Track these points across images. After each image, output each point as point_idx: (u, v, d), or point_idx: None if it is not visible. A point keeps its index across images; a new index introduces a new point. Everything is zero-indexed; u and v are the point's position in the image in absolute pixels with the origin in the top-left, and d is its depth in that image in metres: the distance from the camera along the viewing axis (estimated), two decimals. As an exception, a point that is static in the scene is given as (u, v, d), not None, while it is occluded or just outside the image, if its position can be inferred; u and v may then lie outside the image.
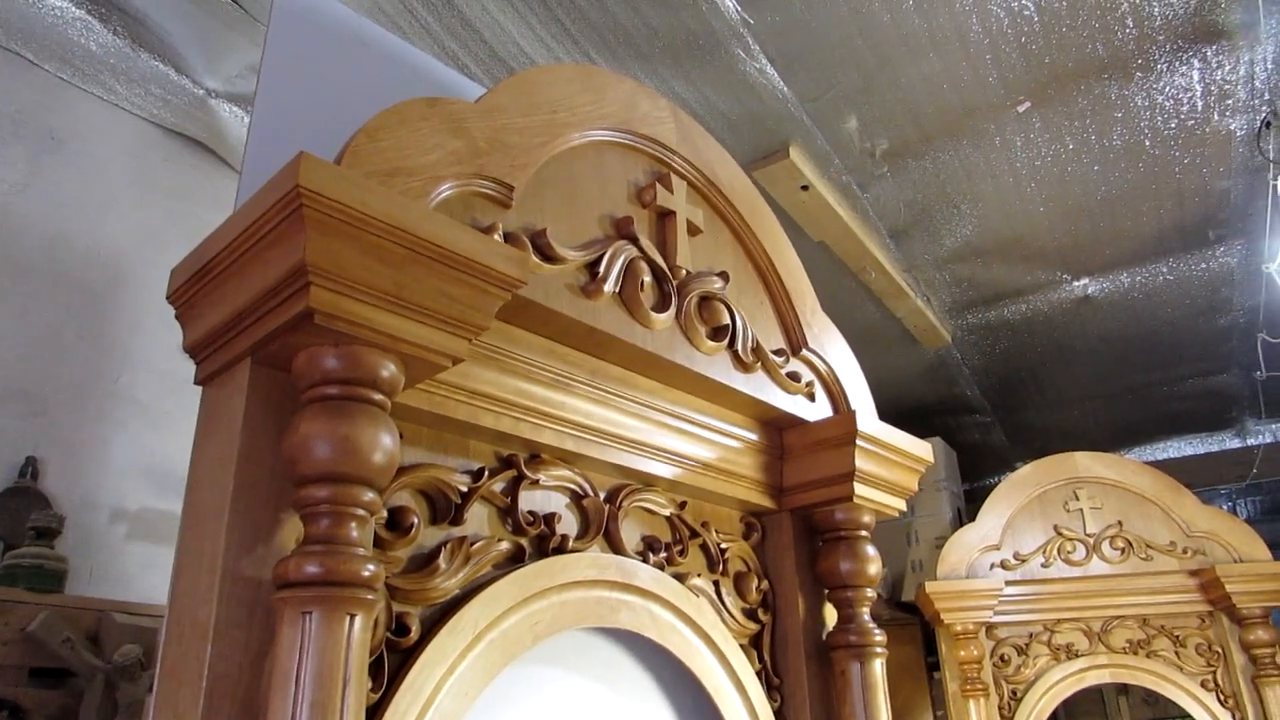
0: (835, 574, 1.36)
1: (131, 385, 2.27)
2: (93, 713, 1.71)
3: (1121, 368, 3.94)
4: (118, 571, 2.10)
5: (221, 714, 0.71)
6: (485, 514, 1.02)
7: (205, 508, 0.80)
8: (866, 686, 1.29)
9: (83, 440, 2.15)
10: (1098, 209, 2.83)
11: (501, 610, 0.97)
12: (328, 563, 0.71)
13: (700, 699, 1.21)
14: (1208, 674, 2.93)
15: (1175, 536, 3.06)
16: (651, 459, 1.19)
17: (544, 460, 1.09)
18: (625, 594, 1.13)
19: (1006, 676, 3.03)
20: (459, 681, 0.91)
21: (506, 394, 1.01)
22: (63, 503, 2.02)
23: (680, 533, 1.26)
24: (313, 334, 0.77)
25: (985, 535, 3.18)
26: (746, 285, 1.37)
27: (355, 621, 0.71)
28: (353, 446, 0.75)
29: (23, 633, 1.70)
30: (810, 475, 1.37)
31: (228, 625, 0.74)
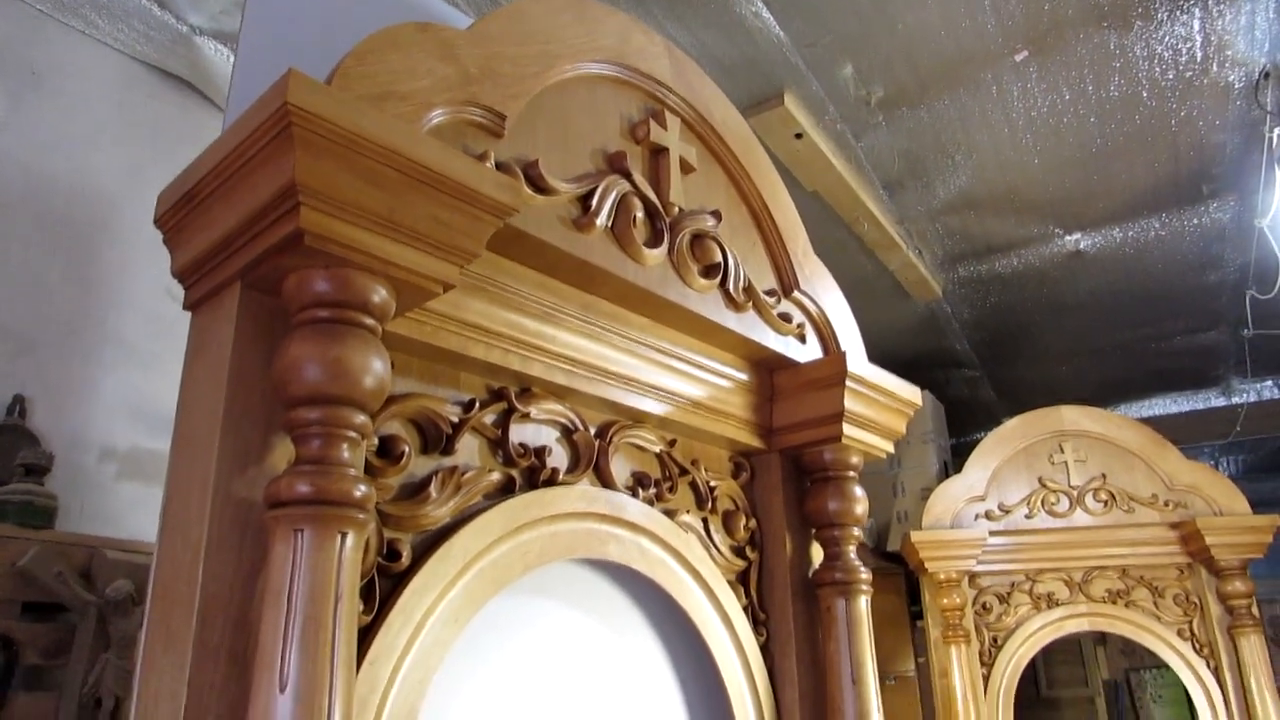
0: (823, 513, 1.37)
1: (119, 325, 2.26)
2: (86, 646, 1.73)
3: (1110, 324, 3.96)
4: (108, 510, 2.10)
5: (215, 631, 0.72)
6: (476, 445, 1.02)
7: (196, 431, 0.80)
8: (851, 622, 1.31)
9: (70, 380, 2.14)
10: (1092, 161, 2.82)
11: (492, 539, 0.98)
12: (319, 482, 0.71)
13: (688, 633, 1.23)
14: (1184, 624, 2.99)
15: (1158, 490, 3.10)
16: (642, 395, 1.20)
17: (534, 394, 1.09)
18: (615, 527, 1.14)
19: (988, 624, 3.08)
20: (450, 607, 0.92)
21: (497, 325, 1.01)
22: (51, 441, 2.02)
23: (670, 470, 1.26)
24: (302, 257, 0.77)
25: (970, 486, 3.21)
26: (739, 225, 1.36)
27: (347, 540, 0.72)
28: (343, 369, 0.75)
29: (14, 567, 1.71)
30: (799, 416, 1.38)
31: (219, 545, 0.74)
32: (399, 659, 0.86)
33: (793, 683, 1.30)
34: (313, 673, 0.66)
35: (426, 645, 0.89)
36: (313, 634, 0.68)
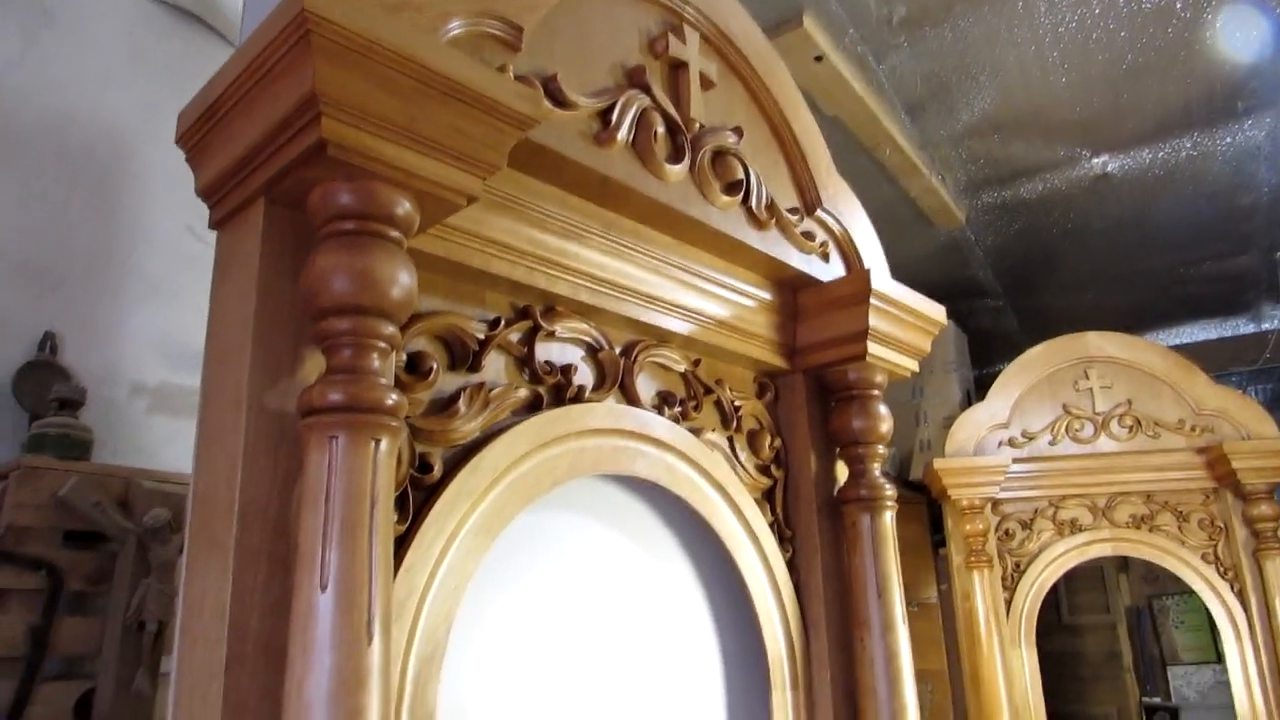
0: (848, 432, 1.38)
1: (142, 262, 2.28)
2: (127, 572, 1.78)
3: (1137, 250, 3.90)
4: (140, 443, 2.14)
5: (255, 535, 0.74)
6: (502, 363, 1.03)
7: (227, 346, 0.81)
8: (877, 538, 1.32)
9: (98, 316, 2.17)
10: (1122, 80, 2.75)
11: (520, 453, 0.99)
12: (351, 390, 0.72)
13: (714, 548, 1.25)
14: (1209, 548, 2.99)
15: (1184, 415, 3.08)
16: (666, 314, 1.20)
17: (559, 312, 1.09)
18: (641, 444, 1.15)
19: (1010, 550, 3.10)
20: (480, 519, 0.93)
21: (521, 243, 1.01)
22: (82, 377, 2.05)
23: (695, 389, 1.27)
24: (326, 169, 0.77)
25: (994, 414, 3.21)
26: (760, 143, 1.35)
27: (380, 446, 0.73)
28: (371, 279, 0.75)
29: (54, 497, 1.75)
30: (823, 335, 1.37)
31: (256, 454, 0.75)
32: (434, 567, 0.88)
33: (819, 597, 1.32)
34: (351, 572, 0.68)
35: (459, 555, 0.90)
36: (350, 536, 0.69)
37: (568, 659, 1.10)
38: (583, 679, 1.11)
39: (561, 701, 1.07)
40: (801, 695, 1.27)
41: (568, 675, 1.09)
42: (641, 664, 1.19)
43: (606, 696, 1.13)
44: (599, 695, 1.12)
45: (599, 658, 1.14)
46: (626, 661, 1.17)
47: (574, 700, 1.09)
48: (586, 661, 1.12)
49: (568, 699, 1.08)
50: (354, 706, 0.66)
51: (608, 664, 1.14)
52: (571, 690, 1.09)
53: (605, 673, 1.14)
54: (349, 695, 0.66)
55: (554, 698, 1.07)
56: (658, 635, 1.22)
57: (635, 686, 1.17)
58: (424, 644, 0.85)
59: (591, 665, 1.12)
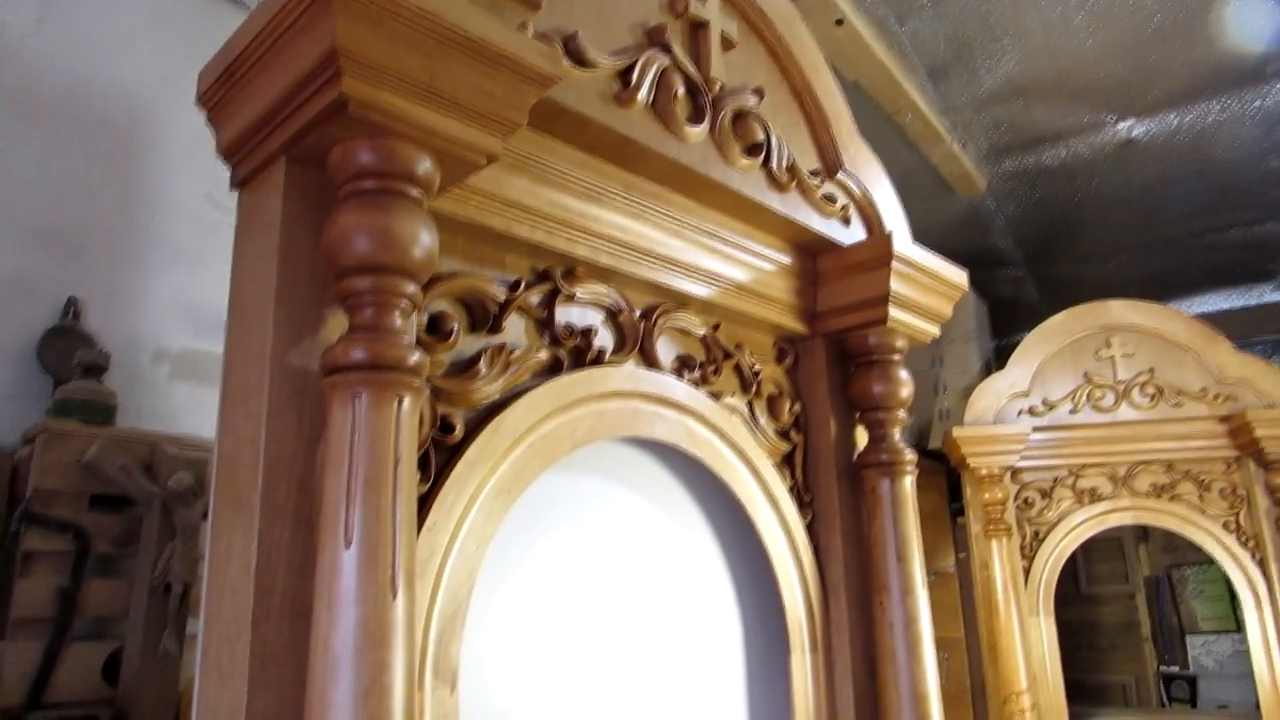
0: (868, 396, 1.37)
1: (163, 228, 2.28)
2: (153, 536, 1.80)
3: (1162, 217, 3.85)
4: (164, 409, 2.16)
5: (280, 493, 0.74)
6: (522, 325, 1.03)
7: (250, 305, 0.82)
8: (896, 502, 1.32)
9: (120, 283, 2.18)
10: (1149, 42, 2.70)
11: (541, 415, 0.99)
12: (374, 348, 0.72)
13: (734, 512, 1.25)
14: (1230, 516, 2.98)
15: (1207, 383, 3.05)
16: (686, 278, 1.19)
17: (579, 275, 1.09)
18: (661, 407, 1.15)
19: (1029, 518, 3.10)
20: (501, 479, 0.94)
21: (541, 205, 1.01)
22: (105, 343, 2.07)
23: (714, 353, 1.27)
24: (346, 127, 0.76)
25: (1014, 382, 3.19)
26: (781, 104, 1.33)
27: (403, 404, 0.73)
28: (391, 238, 0.75)
29: (80, 461, 1.77)
30: (844, 299, 1.37)
31: (279, 413, 0.76)
32: (455, 527, 0.88)
33: (838, 560, 1.32)
34: (375, 529, 0.69)
35: (481, 515, 0.91)
36: (374, 493, 0.70)
37: (588, 620, 1.10)
38: (603, 640, 1.12)
39: (582, 661, 1.08)
40: (820, 658, 1.28)
41: (588, 636, 1.10)
42: (661, 626, 1.19)
43: (626, 657, 1.14)
44: (618, 656, 1.13)
45: (619, 620, 1.14)
46: (646, 623, 1.18)
47: (594, 660, 1.10)
48: (606, 623, 1.13)
49: (588, 659, 1.09)
50: (379, 661, 0.66)
51: (627, 626, 1.15)
52: (591, 651, 1.10)
53: (625, 634, 1.15)
54: (374, 649, 0.66)
55: (574, 658, 1.08)
56: (677, 598, 1.22)
57: (655, 648, 1.18)
58: (446, 603, 0.86)
59: (611, 627, 1.13)
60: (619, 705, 1.11)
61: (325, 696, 0.66)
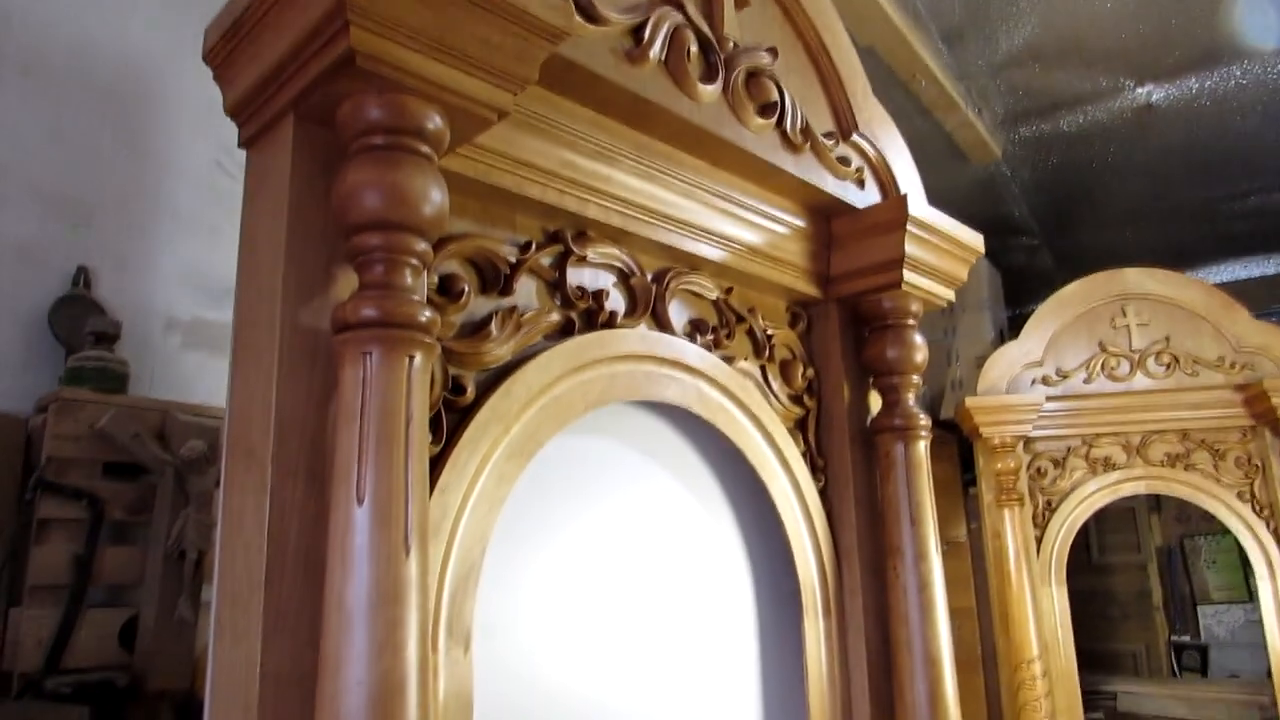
0: (881, 361, 1.36)
1: (173, 197, 2.28)
2: (166, 503, 1.81)
3: (1180, 184, 3.80)
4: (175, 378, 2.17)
5: (292, 452, 0.74)
6: (534, 287, 1.02)
7: (260, 264, 0.81)
8: (910, 467, 1.31)
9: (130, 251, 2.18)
10: (1169, 4, 2.65)
11: (553, 377, 0.98)
12: (385, 305, 0.72)
13: (746, 476, 1.25)
14: (1245, 485, 2.96)
15: (1224, 352, 3.02)
16: (698, 240, 1.18)
17: (591, 238, 1.08)
18: (674, 370, 1.14)
19: (1042, 488, 3.09)
20: (514, 441, 0.93)
21: (552, 165, 0.99)
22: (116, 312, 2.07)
23: (727, 317, 1.26)
24: (355, 81, 0.75)
25: (1028, 351, 3.17)
26: (795, 65, 1.31)
27: (414, 362, 0.72)
28: (401, 194, 0.74)
29: (93, 429, 1.78)
30: (858, 263, 1.35)
31: (290, 371, 0.75)
32: (468, 488, 0.88)
33: (851, 526, 1.32)
34: (388, 486, 0.68)
35: (493, 477, 0.91)
36: (386, 451, 0.69)
37: (602, 584, 1.10)
38: (616, 604, 1.12)
39: (596, 625, 1.08)
40: (833, 622, 1.28)
41: (602, 600, 1.10)
42: (674, 590, 1.19)
43: (638, 620, 1.14)
44: (632, 620, 1.13)
45: (632, 584, 1.14)
46: (659, 587, 1.18)
47: (608, 624, 1.10)
48: (620, 587, 1.13)
49: (602, 622, 1.09)
50: (392, 617, 0.66)
51: (640, 589, 1.15)
52: (605, 615, 1.10)
53: (638, 598, 1.14)
54: (387, 606, 0.66)
55: (588, 621, 1.08)
56: (690, 561, 1.22)
57: (668, 611, 1.18)
58: (460, 563, 0.86)
59: (625, 591, 1.13)
60: (632, 668, 1.12)
61: (339, 653, 0.65)
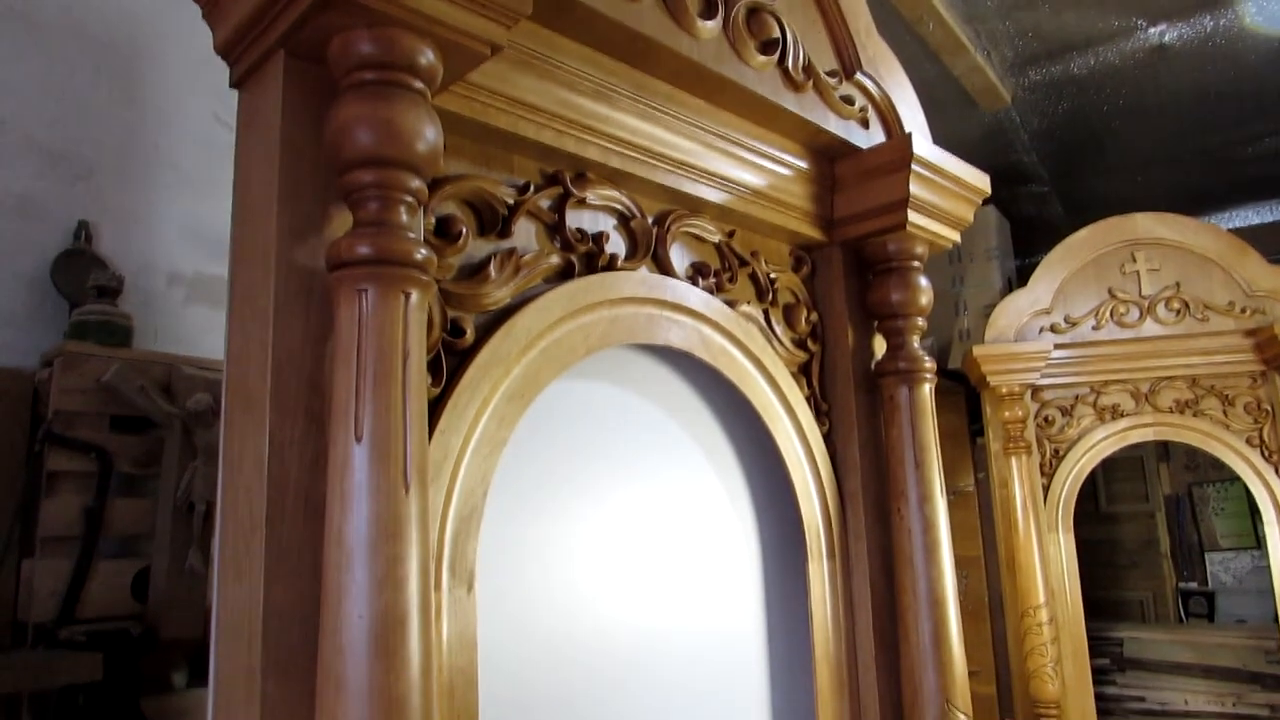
0: (886, 304, 1.35)
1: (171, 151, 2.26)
2: (174, 456, 1.83)
3: (1193, 127, 3.74)
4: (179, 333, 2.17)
5: (290, 392, 0.74)
6: (533, 229, 1.01)
7: (254, 204, 0.80)
8: (915, 410, 1.30)
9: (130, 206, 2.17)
10: (1183, -60, 2.59)
11: (553, 320, 0.98)
12: (379, 242, 0.71)
13: (750, 420, 1.24)
14: (1254, 431, 2.95)
15: (1235, 297, 3.00)
16: (699, 182, 1.16)
17: (590, 179, 1.07)
18: (676, 314, 1.13)
19: (1050, 436, 3.08)
20: (514, 384, 0.93)
21: (549, 104, 0.98)
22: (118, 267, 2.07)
23: (729, 260, 1.25)
24: (344, 15, 0.74)
25: (1036, 299, 3.15)
26: (797, 1, 1.28)
27: (410, 299, 0.72)
28: (395, 130, 0.73)
29: (99, 382, 1.79)
30: (862, 205, 1.33)
31: (287, 310, 0.75)
32: (468, 431, 0.88)
33: (855, 469, 1.32)
34: (386, 423, 0.68)
35: (494, 420, 0.90)
36: (383, 388, 0.69)
37: (605, 527, 1.10)
38: (620, 548, 1.12)
39: (597, 568, 1.09)
40: (838, 565, 1.28)
41: (606, 543, 1.10)
42: (678, 534, 1.20)
43: (642, 565, 1.14)
44: (636, 563, 1.13)
45: (636, 527, 1.14)
46: (663, 531, 1.18)
47: (610, 567, 1.10)
48: (624, 530, 1.13)
49: (606, 565, 1.10)
50: (392, 554, 0.66)
51: (645, 533, 1.15)
52: (609, 558, 1.10)
53: (642, 542, 1.15)
54: (387, 543, 0.66)
55: (592, 563, 1.08)
56: (693, 505, 1.22)
57: (672, 555, 1.18)
58: (461, 505, 0.86)
59: (628, 534, 1.13)
60: (636, 612, 1.12)
61: (340, 589, 0.66)
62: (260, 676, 0.68)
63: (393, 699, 0.64)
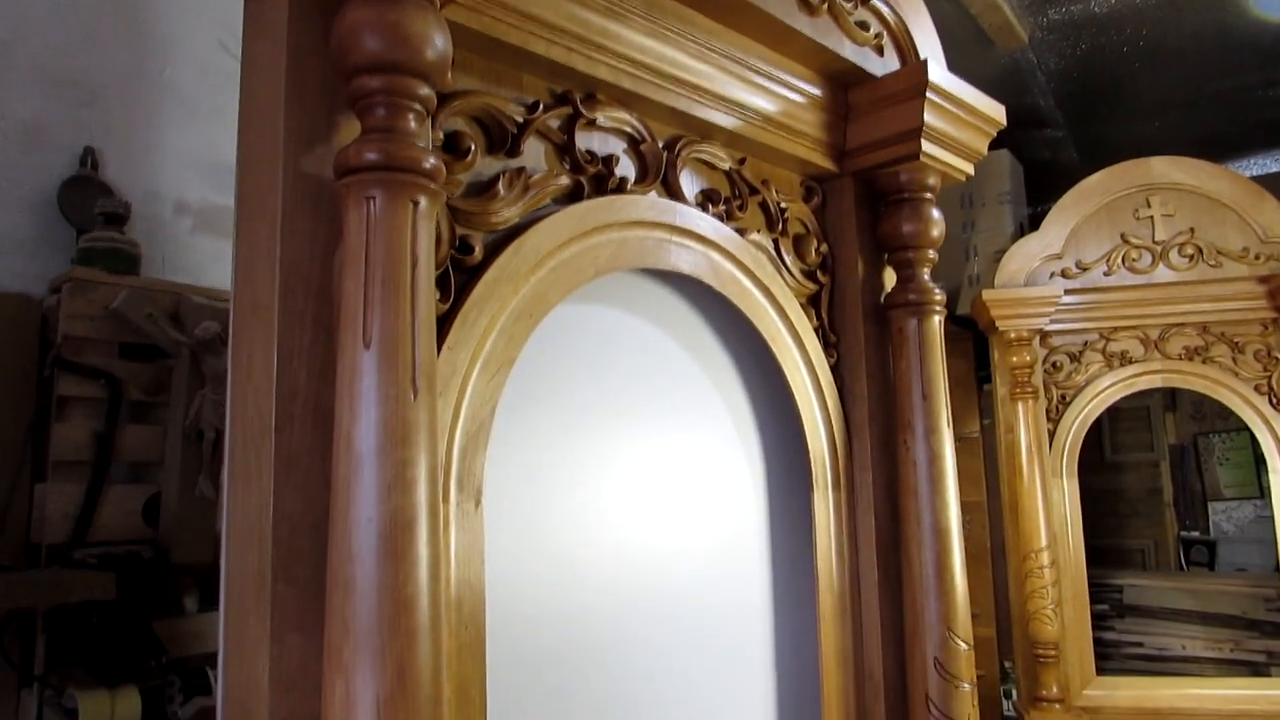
0: (897, 236, 1.34)
1: (176, 78, 2.24)
2: (183, 384, 1.83)
3: (1214, 70, 3.66)
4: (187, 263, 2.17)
5: (298, 299, 0.73)
6: (542, 149, 1.00)
7: (261, 113, 0.79)
8: (924, 342, 1.30)
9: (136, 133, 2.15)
10: (1212, -128, 2.51)
11: (562, 240, 0.97)
12: (387, 148, 0.70)
13: (758, 349, 1.24)
14: (1263, 379, 2.94)
15: (1249, 242, 2.96)
16: (710, 107, 1.15)
17: (600, 100, 1.05)
18: (685, 239, 1.13)
19: (1057, 382, 3.07)
20: (522, 303, 0.93)
21: (560, 19, 0.96)
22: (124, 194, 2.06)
23: (740, 188, 1.23)
24: (351, -84, 0.72)
25: (1048, 244, 3.11)
26: (814, -78, 1.25)
27: (419, 207, 0.71)
28: (403, 34, 0.72)
29: (107, 309, 1.79)
30: (875, 134, 1.31)
31: (294, 218, 0.74)
32: (476, 347, 0.87)
33: (863, 401, 1.32)
34: (394, 330, 0.68)
35: (502, 338, 0.90)
36: (392, 295, 0.69)
37: (610, 451, 1.11)
38: (627, 470, 1.12)
39: (604, 491, 1.09)
40: (843, 495, 1.29)
41: (613, 465, 1.11)
42: (684, 460, 1.20)
43: (648, 489, 1.15)
44: (641, 487, 1.14)
45: (641, 451, 1.15)
46: (669, 457, 1.18)
47: (615, 492, 1.11)
48: (631, 454, 1.13)
49: (609, 490, 1.10)
50: (402, 458, 0.67)
51: (650, 458, 1.16)
52: (613, 482, 1.11)
53: (647, 466, 1.15)
54: (396, 448, 0.67)
55: (595, 488, 1.09)
56: (699, 432, 1.23)
57: (678, 481, 1.19)
58: (469, 421, 0.86)
59: (633, 458, 1.14)
60: (643, 535, 1.13)
61: (349, 493, 0.66)
62: (271, 580, 0.69)
63: (401, 601, 0.65)
